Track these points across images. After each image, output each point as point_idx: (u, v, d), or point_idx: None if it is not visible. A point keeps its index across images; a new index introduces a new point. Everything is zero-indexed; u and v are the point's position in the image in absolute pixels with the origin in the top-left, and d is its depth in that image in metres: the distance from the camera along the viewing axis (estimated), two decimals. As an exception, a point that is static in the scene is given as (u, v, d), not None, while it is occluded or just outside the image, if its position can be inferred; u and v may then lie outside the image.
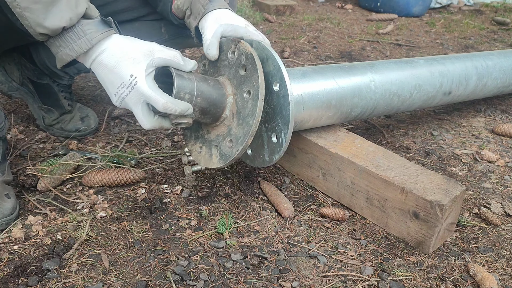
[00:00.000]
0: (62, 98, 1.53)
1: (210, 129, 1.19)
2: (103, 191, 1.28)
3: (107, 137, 1.56)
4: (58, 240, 1.09)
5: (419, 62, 1.50)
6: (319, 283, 1.01)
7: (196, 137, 1.24)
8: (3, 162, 1.22)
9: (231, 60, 1.13)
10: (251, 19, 3.17)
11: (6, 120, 1.26)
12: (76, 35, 0.97)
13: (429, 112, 1.93)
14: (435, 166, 1.49)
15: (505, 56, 1.78)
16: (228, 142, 1.12)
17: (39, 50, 1.46)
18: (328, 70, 1.27)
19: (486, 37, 3.19)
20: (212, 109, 1.11)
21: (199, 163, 1.21)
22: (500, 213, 1.28)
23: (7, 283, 0.96)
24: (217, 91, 1.11)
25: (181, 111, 1.02)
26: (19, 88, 1.50)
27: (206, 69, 1.22)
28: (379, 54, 2.66)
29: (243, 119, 1.08)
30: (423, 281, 1.03)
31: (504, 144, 1.68)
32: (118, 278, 0.99)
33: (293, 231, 1.17)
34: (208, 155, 1.18)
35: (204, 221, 1.18)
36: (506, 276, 1.06)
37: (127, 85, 0.99)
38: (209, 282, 0.99)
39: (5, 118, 1.25)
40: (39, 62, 1.47)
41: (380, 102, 1.36)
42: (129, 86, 0.99)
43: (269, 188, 1.29)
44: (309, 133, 1.32)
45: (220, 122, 1.15)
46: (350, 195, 1.24)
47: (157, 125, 1.06)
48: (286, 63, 2.38)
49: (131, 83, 0.98)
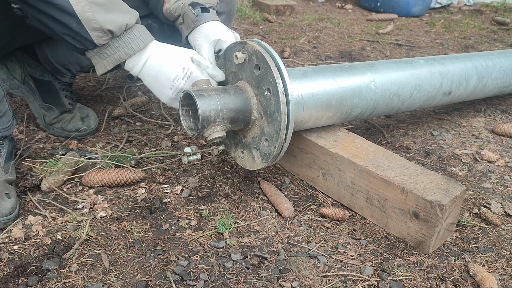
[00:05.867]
0: (63, 96, 1.53)
1: (245, 133, 1.21)
2: (103, 191, 1.28)
3: (107, 137, 1.56)
4: (58, 240, 1.09)
5: (419, 62, 1.50)
6: (319, 283, 1.01)
7: (235, 143, 1.26)
8: (8, 161, 1.23)
9: (244, 63, 1.14)
10: (251, 19, 3.17)
11: (14, 119, 1.26)
12: (134, 35, 1.09)
13: (429, 112, 1.93)
14: (435, 166, 1.49)
15: (505, 56, 1.78)
16: (265, 142, 1.14)
17: (42, 46, 1.46)
18: (328, 70, 1.27)
19: (486, 37, 3.19)
20: (240, 116, 1.13)
21: (245, 167, 1.24)
22: (500, 213, 1.28)
23: (7, 283, 0.96)
24: (239, 97, 1.13)
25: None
26: (20, 86, 1.50)
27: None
28: (379, 54, 2.66)
29: (271, 117, 1.10)
30: (423, 281, 1.03)
31: (504, 144, 1.68)
32: (118, 278, 0.99)
33: (293, 231, 1.17)
34: (251, 158, 1.21)
35: (204, 221, 1.18)
36: (506, 276, 1.06)
37: (182, 77, 1.14)
38: (209, 282, 0.99)
39: (13, 117, 1.25)
40: (42, 58, 1.48)
41: (380, 102, 1.36)
42: (184, 77, 1.14)
43: (269, 188, 1.29)
44: (309, 133, 1.32)
45: (252, 125, 1.17)
46: (350, 195, 1.24)
47: None
48: (286, 63, 2.38)
49: (186, 74, 1.14)
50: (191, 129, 1.15)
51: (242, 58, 1.12)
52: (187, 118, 1.16)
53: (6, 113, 1.22)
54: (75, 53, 1.47)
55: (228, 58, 1.20)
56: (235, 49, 1.16)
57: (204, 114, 1.06)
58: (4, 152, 1.21)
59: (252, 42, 1.12)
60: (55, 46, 1.46)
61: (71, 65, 1.50)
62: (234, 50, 1.16)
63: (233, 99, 1.12)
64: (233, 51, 1.16)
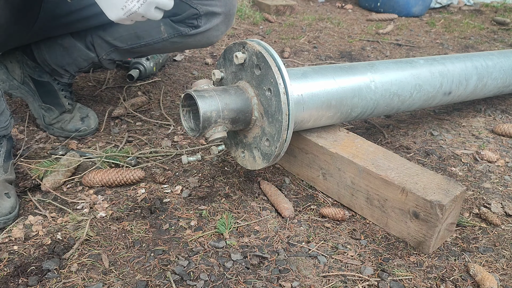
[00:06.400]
0: (62, 97, 1.53)
1: (246, 133, 1.21)
2: (103, 191, 1.28)
3: (107, 137, 1.56)
4: (58, 240, 1.09)
5: (419, 62, 1.50)
6: (319, 283, 1.01)
7: (236, 143, 1.26)
8: (7, 160, 1.23)
9: (244, 63, 1.14)
10: (251, 19, 3.17)
11: (12, 119, 1.26)
12: None
13: (429, 112, 1.93)
14: (435, 166, 1.49)
15: (505, 56, 1.78)
16: (266, 142, 1.14)
17: (40, 47, 1.46)
18: (328, 70, 1.27)
19: (486, 37, 3.19)
20: (241, 116, 1.13)
21: (246, 167, 1.24)
22: (500, 213, 1.28)
23: (7, 283, 0.96)
24: (240, 98, 1.13)
25: None
26: (19, 87, 1.50)
27: (224, 76, 1.24)
28: (379, 54, 2.66)
29: (272, 117, 1.10)
30: (423, 281, 1.03)
31: (504, 144, 1.68)
32: (118, 278, 0.99)
33: (293, 231, 1.17)
34: (252, 158, 1.21)
35: (204, 221, 1.18)
36: (506, 276, 1.06)
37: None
38: (209, 282, 0.99)
39: (11, 117, 1.25)
40: (40, 59, 1.47)
41: (380, 102, 1.36)
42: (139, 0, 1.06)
43: (269, 188, 1.29)
44: (309, 133, 1.32)
45: (253, 125, 1.17)
46: (350, 195, 1.24)
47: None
48: (286, 63, 2.38)
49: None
50: (192, 130, 1.15)
51: (242, 58, 1.12)
52: (188, 119, 1.16)
53: (4, 112, 1.22)
54: (72, 55, 1.48)
55: (228, 58, 1.20)
56: (235, 49, 1.16)
57: (205, 115, 1.06)
58: (3, 152, 1.21)
59: (252, 42, 1.12)
60: (53, 47, 1.46)
61: (68, 66, 1.50)
62: (234, 50, 1.16)
63: (234, 99, 1.12)
64: (233, 51, 1.16)
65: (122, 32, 1.43)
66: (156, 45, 1.46)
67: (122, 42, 1.45)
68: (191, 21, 1.40)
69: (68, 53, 1.46)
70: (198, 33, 1.43)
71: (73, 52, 1.47)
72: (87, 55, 1.48)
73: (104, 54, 1.48)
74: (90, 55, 1.48)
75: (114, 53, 1.48)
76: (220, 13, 1.42)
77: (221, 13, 1.42)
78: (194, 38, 1.45)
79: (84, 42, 1.46)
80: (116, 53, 1.49)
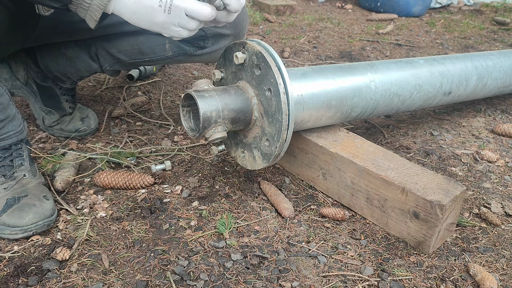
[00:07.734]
0: (63, 101, 1.53)
1: (246, 133, 1.21)
2: (103, 191, 1.28)
3: (107, 137, 1.56)
4: (58, 240, 1.09)
5: (419, 62, 1.50)
6: (319, 283, 1.01)
7: (236, 143, 1.26)
8: (32, 164, 1.22)
9: (244, 63, 1.14)
10: (251, 19, 3.17)
11: (25, 122, 1.24)
12: None
13: (429, 112, 1.93)
14: (435, 166, 1.49)
15: (505, 56, 1.78)
16: (266, 142, 1.14)
17: (44, 54, 1.46)
18: (328, 70, 1.27)
19: (486, 37, 3.19)
20: (241, 116, 1.13)
21: (246, 167, 1.24)
22: (500, 213, 1.28)
23: (7, 283, 0.96)
24: (240, 98, 1.13)
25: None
26: (22, 87, 1.50)
27: (224, 76, 1.24)
28: (379, 54, 2.66)
29: (272, 117, 1.10)
30: (423, 281, 1.03)
31: (504, 144, 1.68)
32: (118, 278, 0.99)
33: (293, 231, 1.17)
34: (252, 157, 1.21)
35: (204, 221, 1.18)
36: (506, 276, 1.06)
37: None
38: (209, 282, 0.99)
39: (23, 120, 1.23)
40: (43, 66, 1.47)
41: (380, 102, 1.36)
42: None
43: (269, 188, 1.29)
44: (309, 133, 1.32)
45: (253, 125, 1.17)
46: (350, 195, 1.24)
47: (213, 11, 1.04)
48: (286, 63, 2.38)
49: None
50: (192, 130, 1.15)
51: (242, 58, 1.12)
52: (188, 119, 1.16)
53: (16, 116, 1.19)
54: (75, 65, 1.47)
55: (228, 58, 1.20)
56: (235, 49, 1.16)
57: (205, 115, 1.06)
58: (26, 155, 1.20)
59: (252, 42, 1.12)
60: (56, 56, 1.45)
61: (71, 74, 1.50)
62: (234, 50, 1.16)
63: (234, 99, 1.12)
64: (233, 51, 1.16)
65: (127, 46, 1.41)
66: (159, 61, 1.45)
67: (126, 56, 1.43)
68: (197, 41, 1.37)
69: (71, 63, 1.45)
70: (204, 54, 1.40)
71: (76, 63, 1.46)
72: (90, 66, 1.47)
73: (108, 66, 1.46)
74: (93, 66, 1.47)
75: (117, 64, 1.47)
76: (229, 35, 1.39)
77: (230, 35, 1.39)
78: (200, 57, 1.42)
79: (89, 52, 1.44)
80: (119, 65, 1.47)
